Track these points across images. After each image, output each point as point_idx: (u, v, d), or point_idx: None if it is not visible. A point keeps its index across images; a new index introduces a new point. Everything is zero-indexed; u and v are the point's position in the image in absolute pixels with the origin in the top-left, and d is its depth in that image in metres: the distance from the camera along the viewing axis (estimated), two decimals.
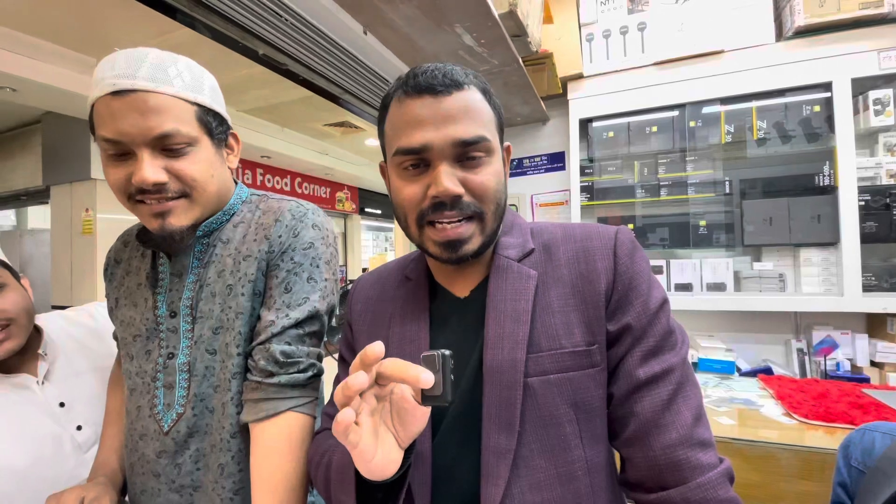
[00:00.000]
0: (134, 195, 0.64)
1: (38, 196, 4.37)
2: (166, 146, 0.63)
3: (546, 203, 2.38)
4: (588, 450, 0.53)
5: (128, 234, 0.85)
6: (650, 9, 1.97)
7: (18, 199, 4.73)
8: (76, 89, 2.93)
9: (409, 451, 0.48)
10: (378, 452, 0.44)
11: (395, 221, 2.49)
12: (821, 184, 1.74)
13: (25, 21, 2.44)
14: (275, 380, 0.66)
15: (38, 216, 5.53)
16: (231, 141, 0.75)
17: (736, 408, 1.34)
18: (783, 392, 1.40)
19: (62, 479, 0.79)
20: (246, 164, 4.92)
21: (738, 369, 1.79)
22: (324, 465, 0.58)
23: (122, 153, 0.63)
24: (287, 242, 0.71)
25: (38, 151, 3.90)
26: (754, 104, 1.83)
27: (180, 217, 0.67)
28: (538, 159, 2.40)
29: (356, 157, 5.69)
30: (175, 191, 0.65)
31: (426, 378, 0.41)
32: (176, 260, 0.74)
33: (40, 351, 0.83)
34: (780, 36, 1.81)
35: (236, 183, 0.80)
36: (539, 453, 0.52)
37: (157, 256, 0.75)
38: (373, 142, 5.01)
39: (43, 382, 0.82)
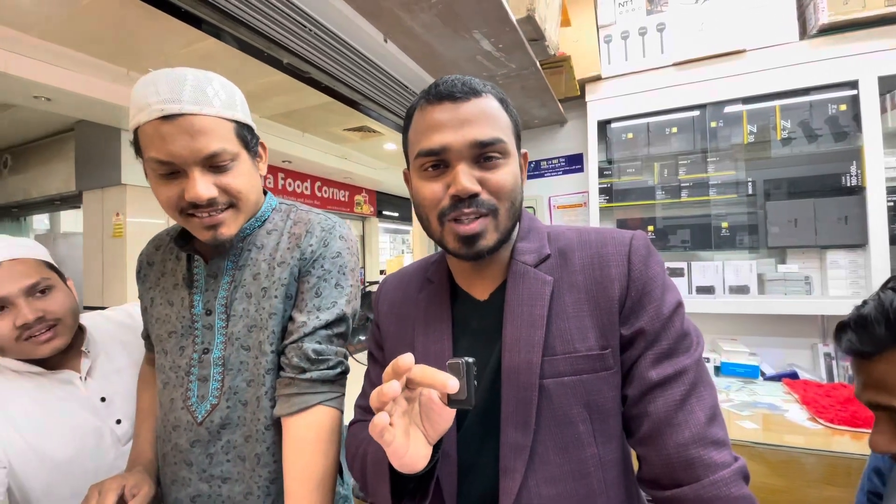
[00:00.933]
0: (186, 209, 0.69)
1: (71, 201, 4.55)
2: (213, 164, 0.68)
3: (564, 205, 2.38)
4: (601, 448, 0.56)
5: (159, 238, 0.90)
6: (669, 9, 1.95)
7: (52, 204, 4.93)
8: (108, 98, 3.05)
9: (436, 447, 0.51)
10: (409, 449, 0.48)
11: (413, 224, 2.53)
12: (848, 184, 1.70)
13: (60, 33, 2.55)
14: (307, 375, 0.71)
15: (70, 220, 5.75)
16: (259, 150, 0.80)
17: (760, 412, 1.32)
18: (809, 397, 1.37)
19: (102, 470, 0.83)
20: (268, 168, 5.03)
21: (763, 374, 1.76)
22: (360, 457, 0.62)
23: (171, 172, 0.68)
24: (318, 252, 0.77)
25: (72, 158, 4.06)
26: (778, 103, 1.80)
27: (230, 226, 0.73)
28: (555, 161, 2.40)
29: (374, 160, 5.76)
30: (223, 203, 0.71)
31: (452, 384, 0.44)
32: (212, 262, 0.78)
33: (83, 348, 0.88)
34: (803, 34, 1.78)
35: (265, 193, 0.86)
36: (554, 450, 0.55)
37: (192, 259, 0.80)
38: (391, 146, 5.07)
39: (85, 378, 0.87)
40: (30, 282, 0.78)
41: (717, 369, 1.80)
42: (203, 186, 0.67)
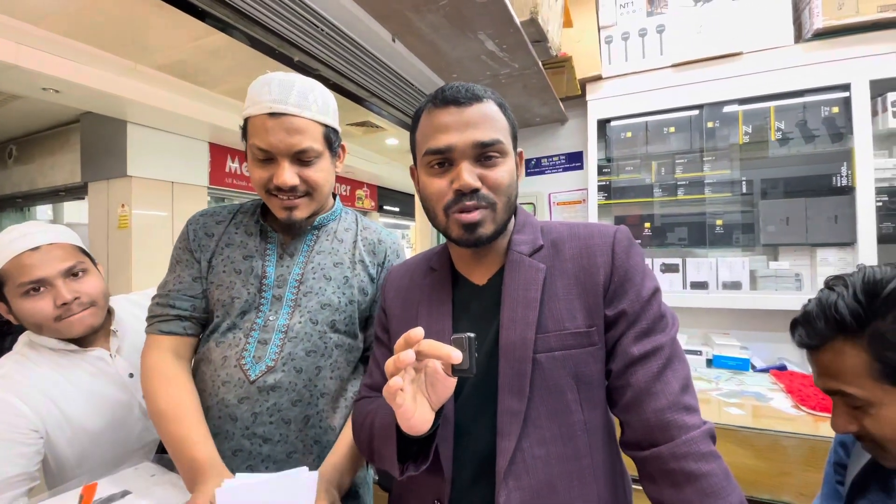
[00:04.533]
0: (271, 190, 0.83)
1: (76, 192, 4.58)
2: (301, 158, 0.82)
3: (563, 202, 2.43)
4: (587, 414, 0.63)
5: (217, 214, 0.94)
6: (669, 11, 2.00)
7: (57, 195, 4.97)
8: (116, 91, 3.09)
9: (438, 414, 0.58)
10: (416, 412, 0.54)
11: (415, 221, 2.57)
12: (838, 184, 1.76)
13: (70, 26, 2.58)
14: None
15: (74, 211, 5.78)
16: (339, 151, 0.93)
17: (746, 400, 1.38)
18: (794, 386, 1.44)
19: (130, 441, 0.89)
20: None
21: (753, 367, 1.82)
22: (367, 426, 0.69)
23: (267, 158, 0.81)
24: (394, 262, 0.96)
25: (77, 149, 4.10)
26: (773, 105, 1.85)
27: (303, 210, 0.86)
28: (556, 159, 2.45)
29: (376, 155, 5.79)
30: (302, 191, 0.84)
31: (456, 355, 0.51)
32: (290, 242, 0.91)
33: (112, 328, 0.94)
34: (799, 38, 1.83)
35: (334, 196, 1.00)
36: (545, 416, 0.62)
37: (267, 236, 0.91)
38: (393, 141, 5.10)
39: (114, 356, 0.92)
40: (67, 265, 0.84)
41: (709, 362, 1.87)
42: (289, 175, 0.80)
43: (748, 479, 1.17)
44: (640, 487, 0.62)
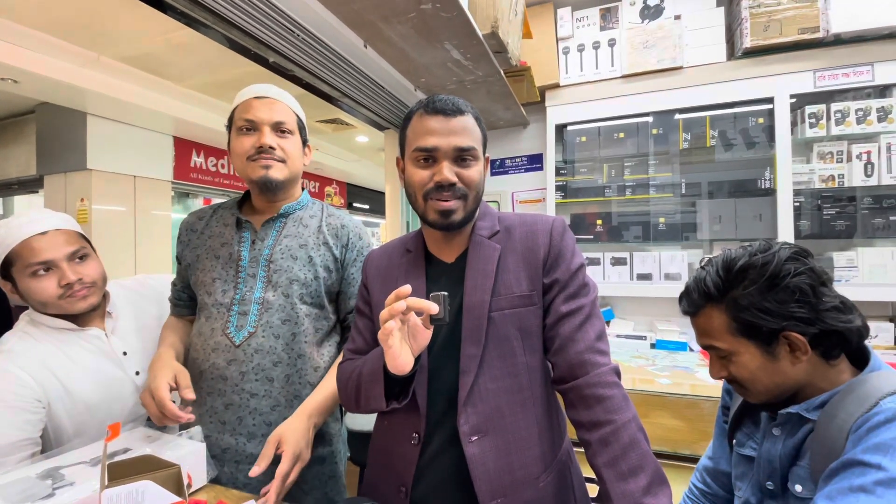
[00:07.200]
0: (253, 156, 1.00)
1: (30, 185, 4.40)
2: (279, 129, 1.02)
3: (525, 200, 2.59)
4: (527, 357, 0.80)
5: (201, 212, 1.15)
6: (619, 27, 2.19)
7: (9, 188, 4.76)
8: (78, 83, 3.03)
9: (416, 361, 0.72)
10: (401, 354, 0.68)
11: (385, 218, 2.68)
12: (762, 187, 1.99)
13: (32, 16, 2.54)
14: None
15: (25, 205, 5.53)
16: (306, 149, 1.13)
17: (676, 372, 1.58)
18: None
19: (124, 414, 0.97)
20: None
21: (691, 349, 2.03)
22: (354, 378, 0.82)
23: (251, 128, 1.00)
24: (356, 244, 1.11)
25: (32, 141, 3.95)
26: (708, 114, 2.07)
27: (277, 172, 1.02)
28: (518, 160, 2.61)
29: (346, 153, 5.82)
30: (279, 156, 1.02)
31: (434, 307, 0.65)
32: (261, 229, 1.06)
33: (108, 310, 1.01)
34: (731, 55, 2.05)
35: (302, 189, 1.17)
36: (496, 358, 0.78)
37: (242, 226, 1.07)
38: (363, 139, 5.16)
39: (109, 335, 1.00)
40: (72, 249, 0.91)
41: (653, 345, 2.06)
42: (270, 138, 1.00)
43: (672, 438, 1.36)
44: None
